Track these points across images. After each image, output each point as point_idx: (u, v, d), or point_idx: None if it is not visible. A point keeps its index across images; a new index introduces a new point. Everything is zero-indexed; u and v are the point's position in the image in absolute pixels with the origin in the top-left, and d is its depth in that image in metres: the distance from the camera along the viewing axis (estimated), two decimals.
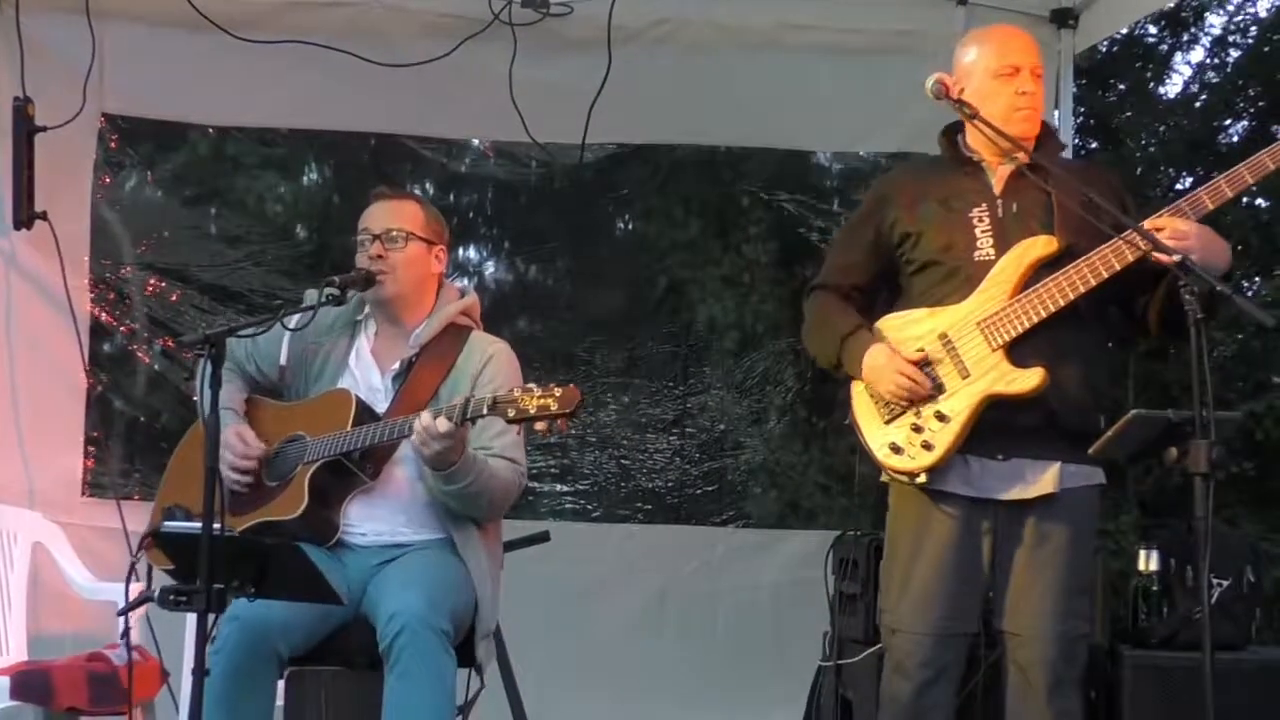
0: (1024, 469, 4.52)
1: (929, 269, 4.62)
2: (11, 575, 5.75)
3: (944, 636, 4.57)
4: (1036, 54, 4.64)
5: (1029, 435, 4.49)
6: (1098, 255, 4.39)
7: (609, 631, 7.02)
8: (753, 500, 10.07)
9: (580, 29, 6.46)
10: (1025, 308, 4.42)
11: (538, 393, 4.28)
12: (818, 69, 6.87)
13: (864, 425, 4.62)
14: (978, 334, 4.46)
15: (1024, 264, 4.48)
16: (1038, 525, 4.53)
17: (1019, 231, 4.52)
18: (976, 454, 4.51)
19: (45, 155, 6.23)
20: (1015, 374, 4.41)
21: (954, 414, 4.45)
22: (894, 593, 4.68)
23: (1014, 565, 4.56)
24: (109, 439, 7.45)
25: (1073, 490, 4.54)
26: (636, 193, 10.65)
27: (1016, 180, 4.60)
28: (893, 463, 4.53)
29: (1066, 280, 4.40)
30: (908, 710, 4.61)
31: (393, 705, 4.45)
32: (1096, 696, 5.42)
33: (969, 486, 4.53)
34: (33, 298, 6.48)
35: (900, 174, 4.95)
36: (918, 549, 4.60)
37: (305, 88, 6.70)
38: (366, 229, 4.94)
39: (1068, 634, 4.54)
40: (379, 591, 4.66)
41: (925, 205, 4.65)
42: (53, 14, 6.39)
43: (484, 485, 4.71)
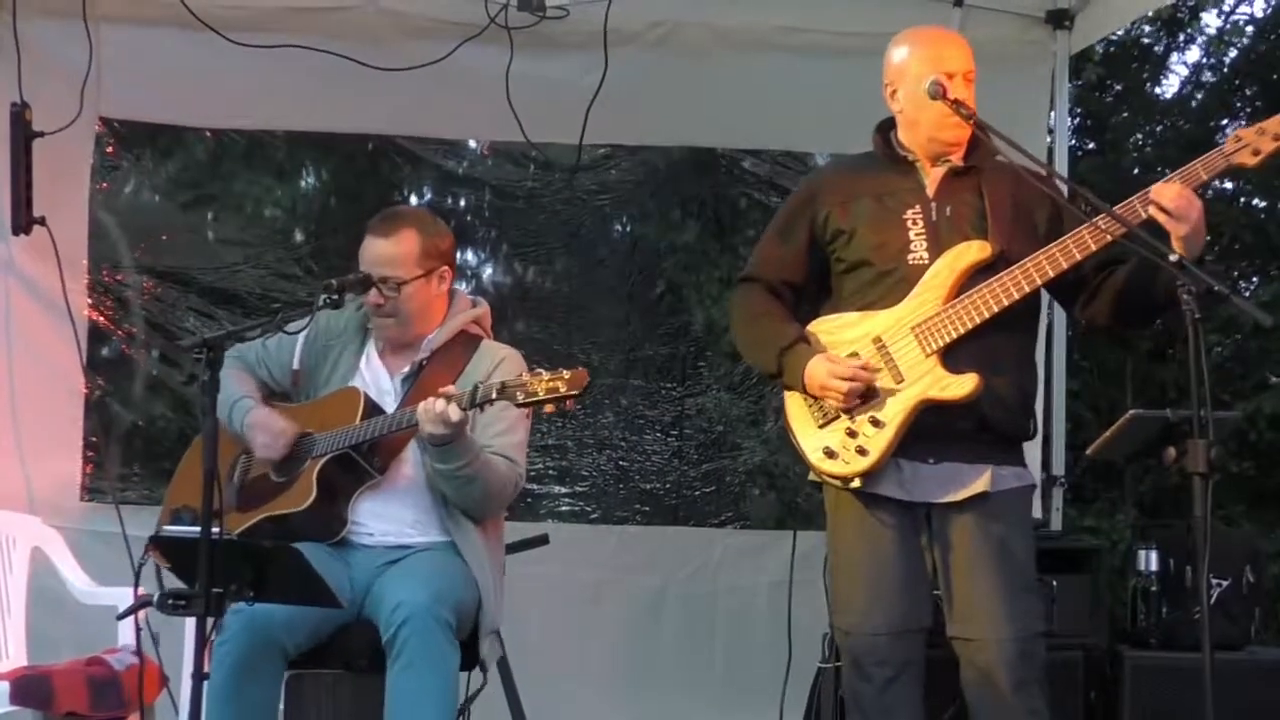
0: (956, 472, 4.53)
1: (860, 269, 4.62)
2: (11, 580, 5.75)
3: (897, 634, 4.56)
4: (969, 58, 4.61)
5: (961, 439, 4.51)
6: (1032, 261, 4.40)
7: (608, 632, 7.04)
8: (751, 501, 10.08)
9: (576, 32, 6.47)
10: (960, 313, 4.43)
11: (546, 376, 4.35)
12: (813, 71, 6.89)
13: (797, 429, 4.64)
14: (912, 339, 4.47)
15: (958, 269, 4.48)
16: (971, 527, 4.53)
17: (952, 235, 4.53)
18: (909, 458, 4.52)
19: (43, 160, 6.23)
20: (950, 379, 4.42)
21: (888, 419, 4.46)
22: (842, 595, 4.70)
23: (954, 569, 4.55)
24: (108, 443, 7.45)
25: (1005, 492, 4.55)
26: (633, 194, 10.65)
27: (949, 182, 4.61)
28: (826, 467, 4.54)
29: (1001, 286, 4.41)
30: (874, 710, 4.61)
31: (396, 696, 4.47)
32: (1096, 697, 5.43)
33: (902, 490, 4.55)
34: (31, 302, 6.49)
35: (832, 170, 4.98)
36: (859, 552, 4.62)
37: (302, 91, 6.71)
38: (363, 271, 4.91)
39: (1022, 634, 4.50)
40: (383, 589, 4.68)
41: (859, 203, 4.65)
42: (49, 18, 6.40)
43: (479, 471, 4.73)
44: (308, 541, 4.64)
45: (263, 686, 4.66)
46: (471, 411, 4.55)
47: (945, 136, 4.58)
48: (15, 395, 6.48)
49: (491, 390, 4.45)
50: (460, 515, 4.87)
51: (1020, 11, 6.83)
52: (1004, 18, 6.77)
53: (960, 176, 4.60)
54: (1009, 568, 4.53)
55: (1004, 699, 4.51)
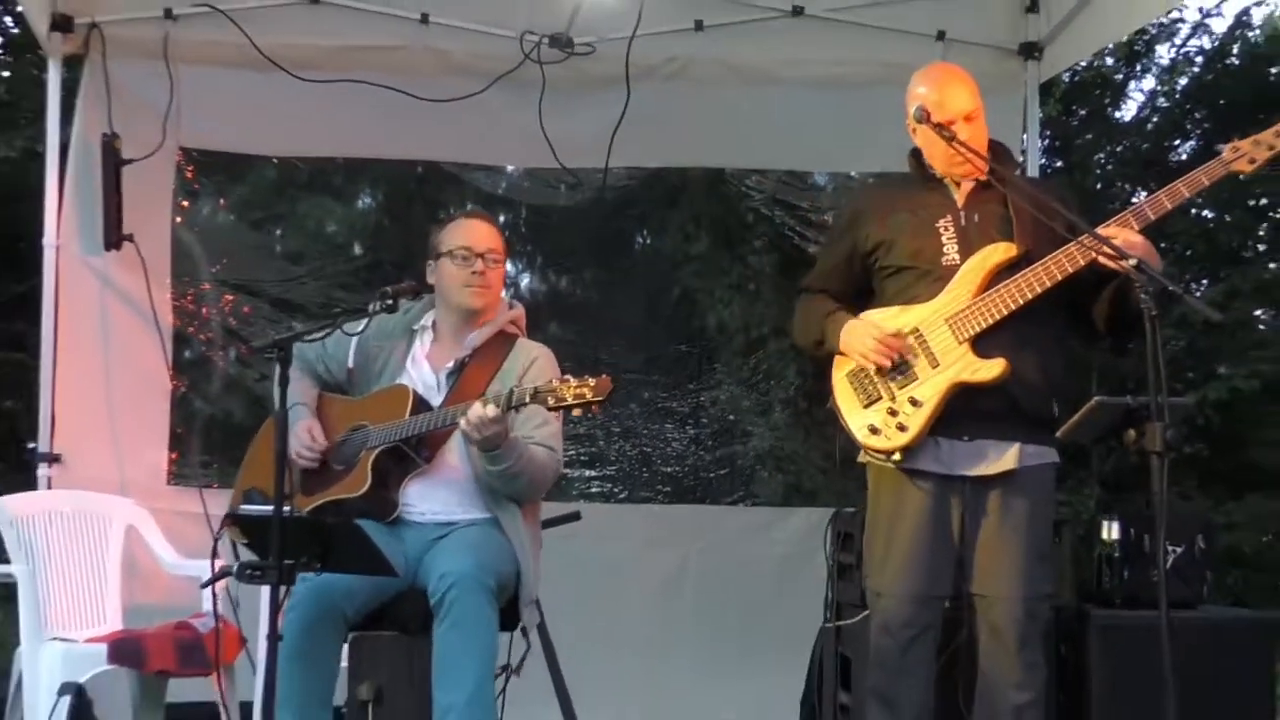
0: (987, 449, 4.56)
1: (902, 273, 4.66)
2: (108, 555, 5.77)
3: (923, 599, 4.59)
4: (972, 97, 4.66)
5: (992, 419, 4.54)
6: (1053, 259, 4.45)
7: (633, 600, 7.03)
8: (760, 482, 10.09)
9: (602, 66, 6.47)
10: (988, 306, 4.47)
11: (574, 383, 4.36)
12: (813, 99, 6.87)
13: (845, 409, 4.66)
14: (946, 328, 4.51)
15: (986, 267, 4.53)
16: (1001, 499, 4.57)
17: (981, 239, 4.58)
18: (945, 435, 4.55)
19: (131, 185, 6.26)
20: (980, 364, 4.46)
21: (925, 399, 4.49)
22: (876, 561, 4.71)
23: (981, 535, 4.59)
24: (190, 434, 7.49)
25: (1031, 468, 4.59)
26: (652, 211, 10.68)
27: (978, 194, 4.66)
28: (871, 442, 4.57)
29: (1025, 282, 4.45)
30: (895, 666, 4.63)
31: (442, 651, 4.47)
32: (1066, 651, 5.42)
33: (939, 464, 4.57)
34: (123, 311, 6.49)
35: (874, 190, 5.01)
36: (896, 522, 4.64)
37: (358, 121, 6.70)
38: (468, 247, 4.95)
39: (1032, 595, 4.57)
40: (432, 560, 4.68)
41: (896, 217, 4.70)
42: (135, 59, 6.41)
43: (524, 467, 4.74)
44: (364, 519, 4.66)
45: (327, 647, 4.67)
46: (509, 413, 4.59)
47: (951, 166, 4.65)
48: (110, 393, 6.50)
49: (525, 395, 4.46)
50: (503, 496, 4.89)
51: (995, 45, 6.83)
52: (981, 50, 6.76)
53: (987, 189, 4.65)
54: (1029, 537, 4.58)
55: (1008, 650, 4.56)
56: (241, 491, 5.03)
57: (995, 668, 4.61)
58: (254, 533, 4.35)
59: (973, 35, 6.76)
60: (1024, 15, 6.85)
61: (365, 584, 4.63)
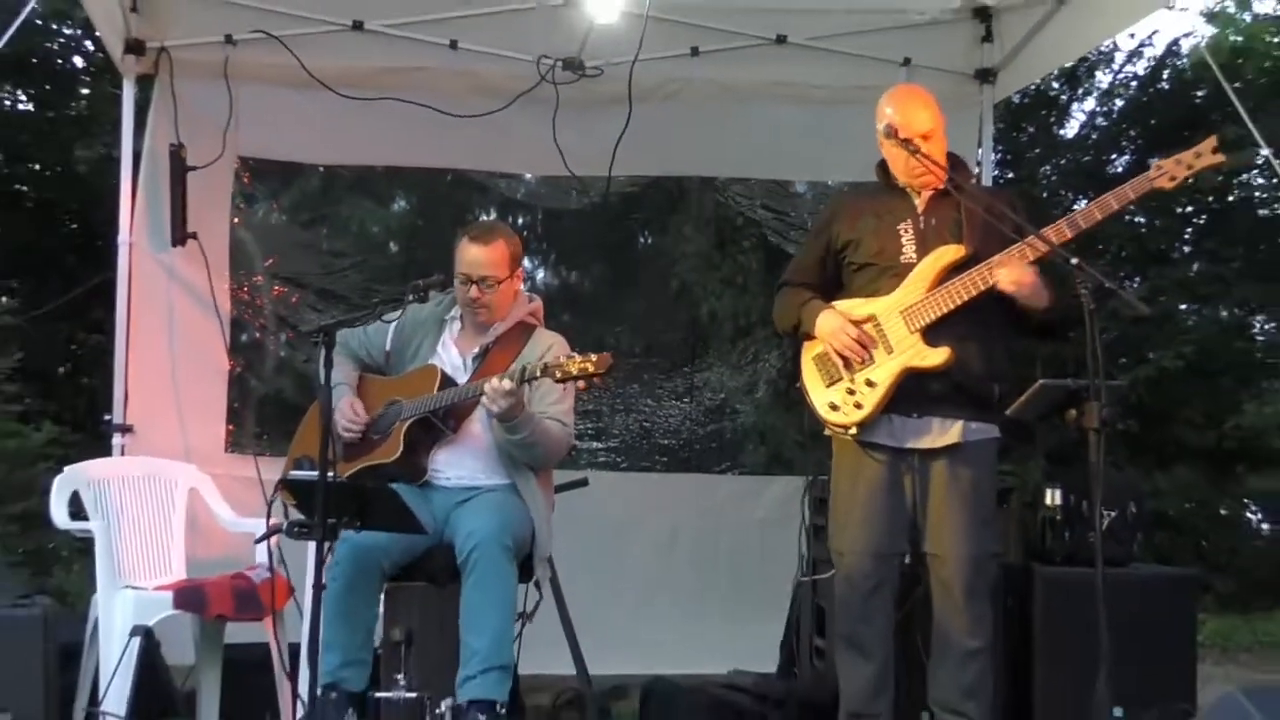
0: (934, 425, 4.61)
1: (866, 269, 4.72)
2: (174, 514, 5.77)
3: (880, 556, 4.64)
4: (932, 116, 4.69)
5: (938, 399, 4.59)
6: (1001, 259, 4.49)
7: (634, 556, 7.02)
8: (746, 453, 10.09)
9: (608, 86, 6.45)
10: (938, 300, 4.54)
11: (579, 359, 4.43)
12: (794, 116, 6.87)
13: (810, 387, 4.72)
14: (900, 319, 4.57)
15: (938, 266, 4.58)
16: (947, 469, 4.61)
17: (936, 240, 4.64)
18: (897, 413, 4.60)
19: (194, 189, 6.25)
20: (928, 352, 4.53)
21: (880, 381, 4.56)
22: (838, 524, 4.77)
23: (930, 500, 4.63)
24: (245, 409, 7.48)
25: (974, 442, 4.63)
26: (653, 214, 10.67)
27: (935, 201, 4.71)
28: (831, 418, 4.64)
29: (970, 280, 4.51)
30: (859, 614, 4.68)
31: (468, 605, 4.52)
32: (1013, 604, 5.41)
33: (892, 438, 4.63)
34: (187, 300, 6.48)
35: (846, 196, 5.04)
36: (855, 488, 4.69)
37: (395, 134, 6.68)
38: (465, 274, 4.95)
39: (979, 554, 4.60)
40: (458, 521, 4.71)
41: (863, 219, 4.76)
42: (199, 78, 6.39)
43: (539, 438, 4.78)
44: (397, 483, 4.67)
45: (366, 598, 4.71)
46: (524, 388, 4.62)
47: (911, 177, 4.69)
48: (176, 372, 6.49)
49: (536, 370, 4.54)
50: (520, 464, 4.90)
51: (955, 70, 6.80)
52: (942, 75, 6.73)
53: (944, 197, 4.69)
54: (973, 502, 4.61)
55: (958, 602, 4.59)
56: (292, 460, 5.06)
57: (947, 618, 4.63)
58: (302, 495, 4.39)
59: (935, 61, 6.74)
60: (980, 44, 6.82)
61: (399, 541, 4.65)
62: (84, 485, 5.47)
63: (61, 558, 8.71)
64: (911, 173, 4.66)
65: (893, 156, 4.70)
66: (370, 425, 4.98)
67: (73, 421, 10.18)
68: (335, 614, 4.57)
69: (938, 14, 6.68)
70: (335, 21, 6.38)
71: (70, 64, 11.73)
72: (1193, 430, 11.26)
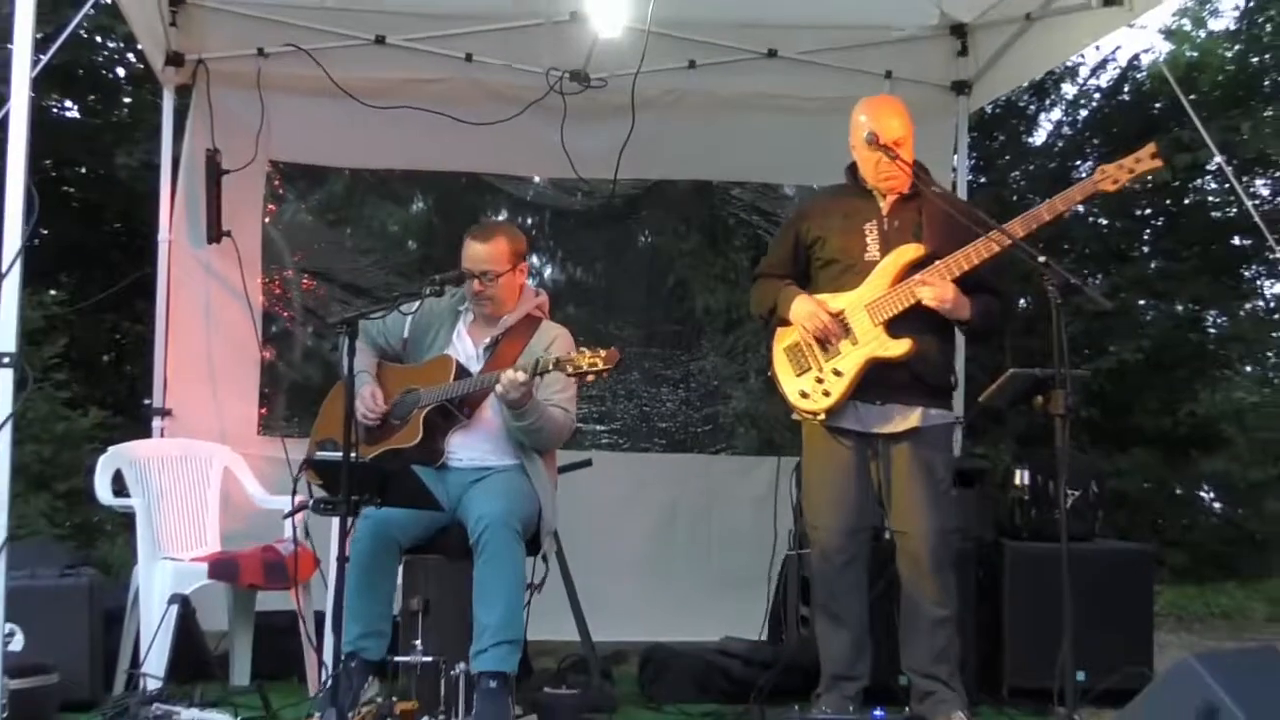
0: (896, 411, 4.64)
1: (831, 265, 4.74)
2: (209, 491, 5.77)
3: (850, 530, 4.67)
4: (904, 125, 4.70)
5: (900, 387, 4.62)
6: (951, 259, 4.52)
7: (634, 531, 7.01)
8: (738, 436, 10.05)
9: (612, 96, 6.44)
10: (900, 295, 4.56)
11: (588, 354, 4.44)
12: (784, 124, 6.85)
13: (781, 376, 4.75)
14: (865, 313, 4.60)
15: (900, 263, 4.61)
16: (908, 451, 4.64)
17: (898, 240, 4.66)
18: (863, 400, 4.63)
19: (229, 191, 6.28)
20: (891, 343, 4.56)
21: (846, 370, 4.59)
22: (811, 502, 4.80)
23: (894, 481, 4.65)
24: (275, 394, 7.47)
25: (932, 426, 4.67)
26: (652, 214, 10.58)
27: (899, 204, 4.72)
28: (801, 404, 4.66)
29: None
30: (831, 584, 4.72)
31: (480, 582, 4.52)
32: (983, 577, 5.42)
33: (858, 424, 4.65)
34: (222, 293, 6.49)
35: (816, 197, 5.05)
36: (824, 471, 4.72)
37: (414, 140, 6.68)
38: (467, 270, 4.97)
39: (941, 529, 4.63)
40: (470, 502, 4.71)
41: (831, 218, 4.78)
42: (233, 88, 6.40)
43: (544, 424, 4.80)
44: (415, 465, 4.67)
45: (386, 571, 4.72)
46: (534, 378, 4.61)
47: (879, 181, 4.69)
48: (211, 359, 6.51)
49: (549, 363, 4.54)
50: (528, 446, 4.89)
51: (933, 82, 6.80)
52: (921, 86, 6.73)
53: (907, 201, 4.72)
54: (933, 482, 4.63)
55: (925, 574, 4.62)
56: (316, 442, 5.05)
57: (916, 589, 4.65)
58: (327, 475, 4.40)
59: (914, 74, 6.74)
60: (956, 58, 6.80)
61: (415, 519, 4.66)
62: (126, 465, 5.48)
63: (105, 531, 8.71)
64: (879, 177, 4.69)
65: (865, 161, 4.72)
66: (389, 411, 4.98)
67: (116, 406, 10.17)
68: (357, 587, 4.58)
69: (917, 30, 6.69)
70: (359, 36, 6.38)
71: (114, 74, 11.71)
72: (1149, 417, 11.26)
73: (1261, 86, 12.21)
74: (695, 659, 5.51)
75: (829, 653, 4.71)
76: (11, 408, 3.56)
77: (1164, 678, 3.97)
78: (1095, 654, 4.72)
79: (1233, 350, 12.01)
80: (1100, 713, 4.41)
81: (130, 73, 11.39)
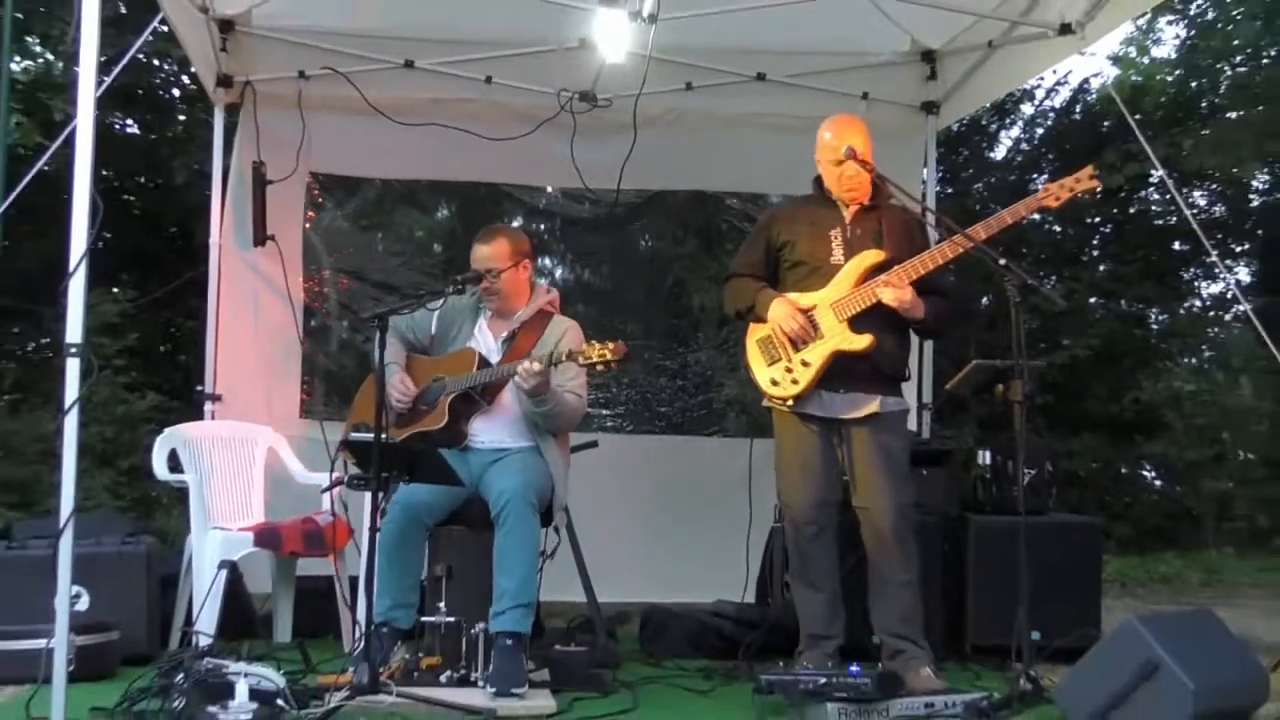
0: (858, 399, 4.62)
1: (798, 267, 4.73)
2: (254, 468, 5.78)
3: (818, 504, 4.66)
4: (865, 141, 4.69)
5: (861, 377, 4.62)
6: (909, 264, 4.52)
7: (635, 505, 6.99)
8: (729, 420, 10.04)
9: (617, 115, 6.42)
10: (862, 295, 4.56)
11: (598, 347, 4.47)
12: (771, 140, 6.81)
13: (753, 366, 4.76)
14: (830, 311, 4.59)
15: (862, 267, 4.61)
16: (868, 435, 4.63)
17: (860, 246, 4.65)
18: (827, 389, 4.62)
19: (273, 199, 6.25)
20: (854, 338, 4.55)
21: (813, 361, 4.58)
22: (783, 479, 4.79)
23: (857, 462, 4.64)
24: (314, 382, 7.44)
25: (890, 413, 4.67)
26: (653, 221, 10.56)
27: (861, 214, 4.72)
28: (772, 391, 4.65)
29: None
30: (805, 553, 4.72)
31: (500, 551, 4.54)
32: (949, 548, 5.41)
33: (823, 410, 4.64)
34: (267, 291, 6.48)
35: (785, 205, 5.05)
36: (794, 452, 4.70)
37: (440, 153, 6.67)
38: (475, 269, 4.99)
39: (901, 503, 4.63)
40: (490, 479, 4.72)
41: (799, 225, 4.77)
42: (277, 107, 6.40)
43: (559, 409, 4.82)
44: (441, 447, 4.67)
45: (414, 544, 4.74)
46: (550, 368, 4.63)
47: (842, 192, 4.70)
48: (257, 350, 6.53)
49: (563, 355, 4.57)
50: (542, 429, 4.90)
51: (905, 103, 6.78)
52: (894, 106, 6.72)
53: (869, 211, 4.71)
54: (891, 462, 4.63)
55: (889, 545, 4.60)
56: (351, 425, 5.05)
57: (881, 559, 4.64)
58: (361, 454, 4.39)
59: (888, 96, 6.72)
60: (926, 81, 6.79)
61: (441, 497, 4.69)
62: (180, 444, 5.49)
63: (162, 504, 8.71)
64: (843, 188, 4.69)
65: (830, 174, 4.73)
66: (419, 397, 4.98)
67: (171, 391, 10.17)
68: (388, 562, 4.61)
69: (891, 56, 6.68)
70: (390, 60, 6.38)
71: (169, 95, 11.71)
72: (1098, 404, 11.28)
73: (1199, 108, 12.23)
74: (690, 620, 5.52)
75: (806, 615, 4.70)
76: (78, 393, 3.55)
77: (1110, 637, 3.97)
78: (1049, 616, 4.73)
79: (1172, 345, 12.05)
80: (1053, 669, 4.40)
81: (184, 93, 11.38)
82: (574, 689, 4.46)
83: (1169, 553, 10.10)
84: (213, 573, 5.10)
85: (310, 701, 4.02)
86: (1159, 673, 3.71)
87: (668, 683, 4.78)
